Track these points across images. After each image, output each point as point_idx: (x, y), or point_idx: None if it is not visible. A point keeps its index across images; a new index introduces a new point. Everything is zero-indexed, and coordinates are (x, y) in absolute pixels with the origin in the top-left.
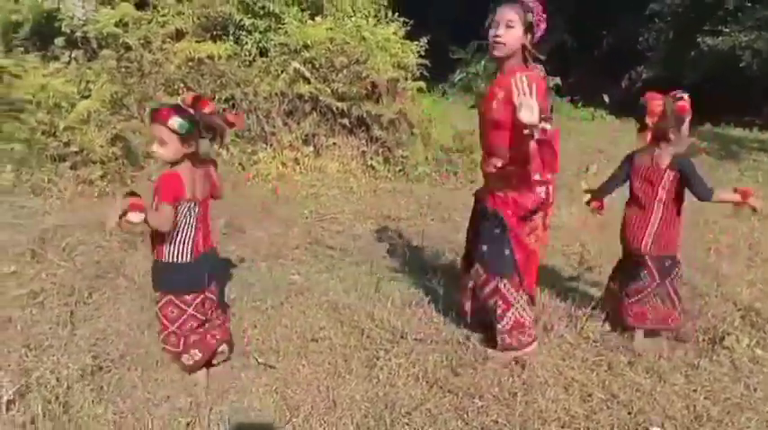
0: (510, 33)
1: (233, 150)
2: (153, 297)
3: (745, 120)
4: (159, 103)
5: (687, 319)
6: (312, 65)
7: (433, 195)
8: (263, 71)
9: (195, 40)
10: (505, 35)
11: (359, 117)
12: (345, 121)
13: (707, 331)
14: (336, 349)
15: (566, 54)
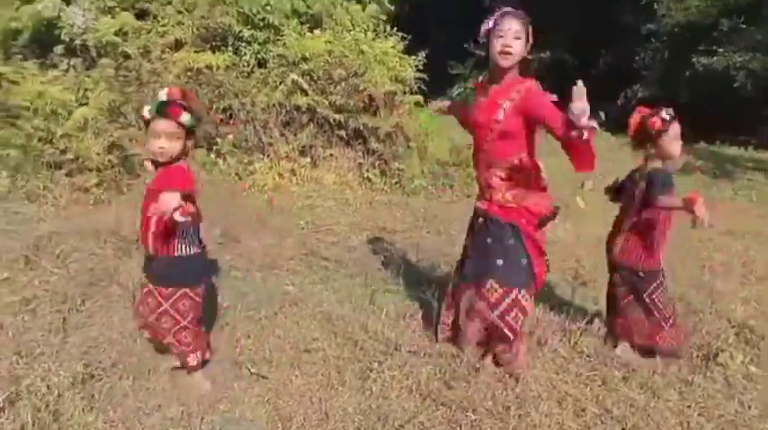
0: (518, 44)
1: (230, 160)
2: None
3: (739, 140)
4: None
5: (684, 342)
6: (310, 77)
7: (429, 208)
8: (261, 82)
9: (194, 51)
10: (515, 46)
11: (356, 129)
12: (342, 133)
13: (701, 348)
14: (330, 360)
15: (566, 71)
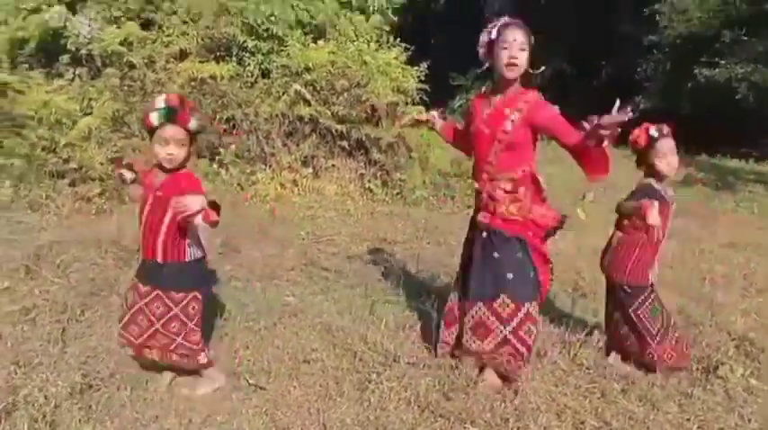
0: (523, 56)
1: (232, 170)
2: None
3: (741, 152)
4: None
5: (681, 362)
6: (313, 87)
7: (430, 219)
8: (264, 92)
9: (198, 61)
10: (520, 57)
11: (358, 140)
12: (344, 144)
13: (701, 360)
14: (328, 371)
15: (565, 82)
